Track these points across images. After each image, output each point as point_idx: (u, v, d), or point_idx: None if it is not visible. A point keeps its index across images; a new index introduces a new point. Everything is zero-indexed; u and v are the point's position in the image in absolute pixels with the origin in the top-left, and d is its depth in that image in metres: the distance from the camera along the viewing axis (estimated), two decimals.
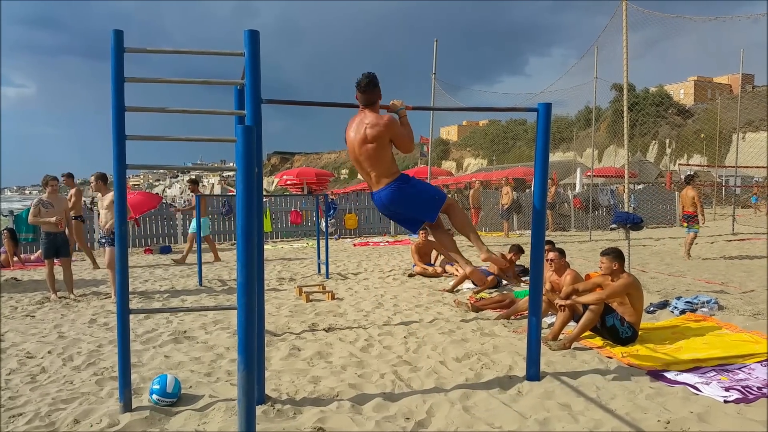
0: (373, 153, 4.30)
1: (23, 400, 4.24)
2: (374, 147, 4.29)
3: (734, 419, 3.65)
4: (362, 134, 4.29)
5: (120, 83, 3.70)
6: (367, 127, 4.27)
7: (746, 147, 28.26)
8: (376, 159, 4.32)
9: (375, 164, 4.34)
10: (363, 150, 4.32)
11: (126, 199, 3.94)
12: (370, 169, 4.38)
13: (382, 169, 4.35)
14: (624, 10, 9.13)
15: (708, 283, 8.55)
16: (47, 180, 8.58)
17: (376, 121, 4.26)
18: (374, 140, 4.26)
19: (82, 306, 7.86)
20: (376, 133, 4.24)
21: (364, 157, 4.34)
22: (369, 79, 4.31)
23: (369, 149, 4.30)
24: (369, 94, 4.32)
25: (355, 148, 4.36)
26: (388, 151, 4.35)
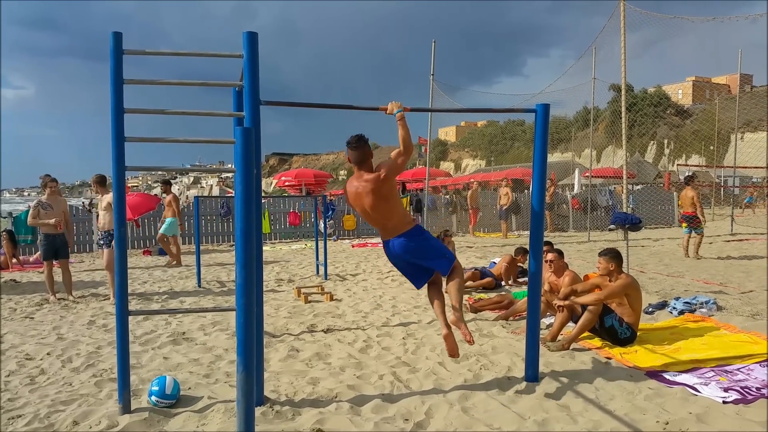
0: (386, 208, 4.35)
1: (22, 401, 4.25)
2: (384, 202, 4.32)
3: (733, 420, 3.66)
4: (369, 197, 4.30)
5: (119, 85, 3.71)
6: (370, 187, 4.29)
7: (745, 147, 28.28)
8: (389, 211, 4.37)
9: (390, 216, 4.38)
10: (374, 209, 4.34)
11: (125, 201, 3.95)
12: (385, 221, 4.40)
13: (397, 218, 4.40)
14: (622, 11, 9.15)
15: (707, 283, 8.56)
16: (46, 182, 8.57)
17: (375, 178, 4.28)
18: (382, 197, 4.30)
19: (81, 307, 7.86)
20: (379, 188, 4.28)
21: (378, 214, 4.36)
22: (358, 136, 4.37)
23: (381, 207, 4.33)
24: (360, 150, 4.33)
25: (367, 209, 4.36)
26: (398, 201, 4.41)
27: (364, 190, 4.31)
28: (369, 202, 4.32)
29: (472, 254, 13.06)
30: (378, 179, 4.27)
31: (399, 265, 4.54)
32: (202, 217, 17.11)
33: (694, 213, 11.54)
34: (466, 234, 18.72)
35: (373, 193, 4.29)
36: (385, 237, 4.45)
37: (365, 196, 4.32)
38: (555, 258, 6.39)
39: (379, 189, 4.28)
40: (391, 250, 4.43)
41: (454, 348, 4.18)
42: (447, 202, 20.39)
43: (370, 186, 4.28)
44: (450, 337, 4.19)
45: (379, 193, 4.29)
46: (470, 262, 11.39)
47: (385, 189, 4.30)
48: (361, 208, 4.42)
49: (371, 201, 4.31)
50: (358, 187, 4.36)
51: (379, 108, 4.46)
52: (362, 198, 4.34)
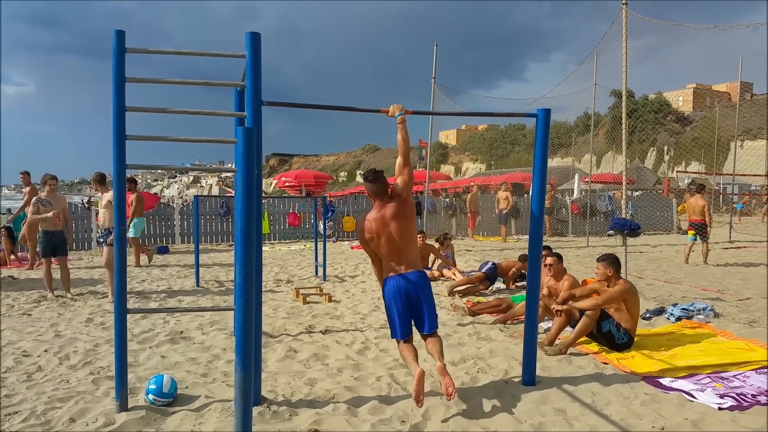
0: (410, 230, 4.35)
1: (19, 398, 4.25)
2: (408, 223, 4.33)
3: (728, 426, 3.67)
4: (395, 220, 4.28)
5: (121, 83, 3.71)
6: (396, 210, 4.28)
7: (744, 155, 28.35)
8: (412, 237, 4.39)
9: (412, 244, 4.37)
10: (402, 231, 4.29)
11: (125, 199, 3.95)
12: (408, 251, 4.34)
13: (416, 251, 4.41)
14: (624, 17, 9.16)
15: (704, 290, 8.57)
16: (46, 179, 8.58)
17: (398, 200, 4.31)
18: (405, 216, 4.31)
19: (79, 305, 7.86)
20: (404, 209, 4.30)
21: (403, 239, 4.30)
22: (374, 170, 4.42)
23: (406, 229, 4.32)
24: (378, 183, 4.35)
25: (394, 235, 4.28)
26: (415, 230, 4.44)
27: (390, 216, 4.28)
28: (395, 227, 4.27)
29: (471, 257, 13.07)
30: (399, 200, 4.31)
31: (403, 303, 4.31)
32: (201, 217, 17.11)
33: (703, 221, 11.57)
34: (465, 237, 18.73)
35: (399, 217, 4.28)
36: (400, 269, 4.32)
37: (391, 221, 4.27)
38: (554, 262, 6.40)
39: (403, 210, 4.30)
40: (408, 282, 4.28)
41: (421, 393, 3.86)
42: (447, 205, 20.40)
43: (394, 210, 4.28)
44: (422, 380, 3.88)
45: (403, 214, 4.29)
46: (469, 266, 11.39)
47: (407, 209, 4.33)
48: (388, 237, 4.29)
49: (398, 226, 4.27)
50: (384, 215, 4.29)
51: (381, 110, 4.48)
52: (388, 224, 4.28)
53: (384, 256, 4.37)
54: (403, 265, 4.32)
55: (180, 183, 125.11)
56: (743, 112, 23.36)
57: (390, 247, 4.31)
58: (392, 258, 4.33)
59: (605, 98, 17.76)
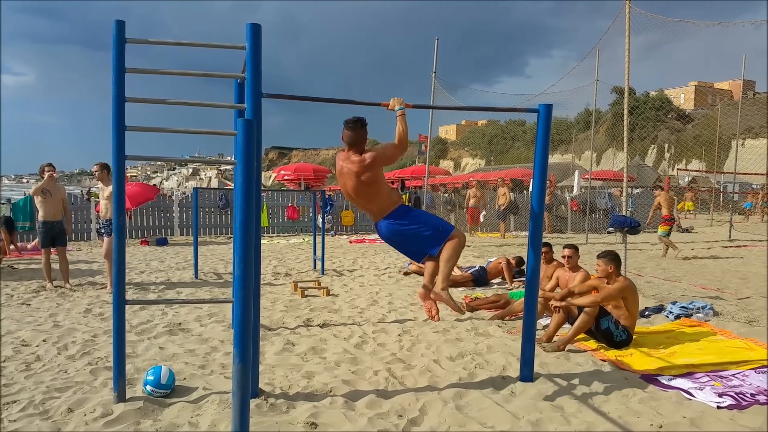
0: (368, 191, 4.36)
1: (17, 387, 4.24)
2: (367, 187, 4.33)
3: (727, 425, 3.67)
4: (353, 179, 4.31)
5: (121, 74, 3.69)
6: (354, 168, 4.29)
7: (745, 153, 28.31)
8: (374, 194, 4.38)
9: (373, 198, 4.40)
10: (357, 192, 4.36)
11: (124, 190, 3.93)
12: (370, 205, 4.43)
13: (381, 201, 4.40)
14: (627, 13, 9.13)
15: (704, 288, 8.57)
16: (43, 168, 8.56)
17: (361, 160, 4.28)
18: (367, 180, 4.30)
19: (77, 295, 7.85)
20: (364, 171, 4.28)
21: (359, 195, 4.39)
22: (358, 118, 4.34)
23: (362, 190, 4.35)
24: (354, 132, 4.30)
25: (349, 191, 4.40)
26: (382, 182, 4.40)
27: (348, 172, 4.33)
28: (351, 185, 4.35)
29: (469, 253, 13.07)
30: (362, 163, 4.28)
31: (390, 244, 4.59)
32: (200, 209, 17.09)
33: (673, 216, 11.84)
34: (465, 232, 18.70)
35: (356, 177, 4.30)
36: (374, 219, 4.50)
37: (348, 178, 4.35)
38: (572, 253, 6.38)
39: (362, 173, 4.28)
40: (381, 233, 4.49)
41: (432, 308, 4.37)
42: (446, 200, 20.39)
43: (355, 168, 4.29)
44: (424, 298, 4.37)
45: (361, 178, 4.30)
46: (467, 262, 11.39)
47: (368, 175, 4.29)
48: (344, 189, 4.46)
49: (353, 184, 4.34)
50: (343, 168, 4.38)
51: (381, 104, 4.46)
52: (345, 179, 4.38)
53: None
54: (372, 214, 4.49)
55: (179, 175, 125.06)
56: (745, 110, 23.30)
57: (351, 199, 4.51)
58: (358, 207, 4.61)
59: (606, 95, 17.75)
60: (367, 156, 4.29)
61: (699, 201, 30.03)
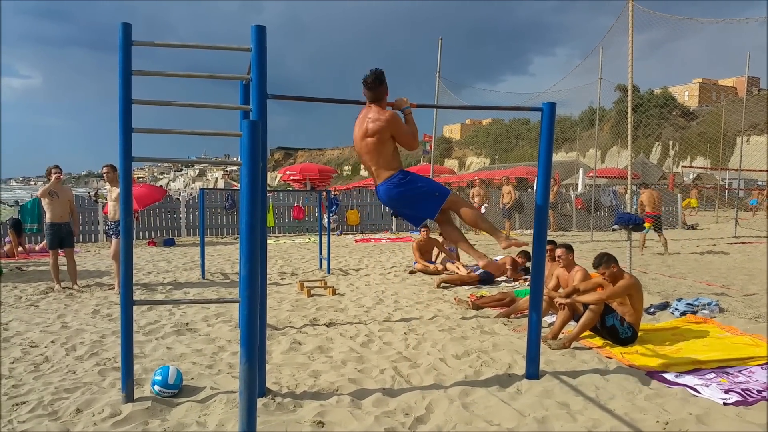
0: (373, 147, 4.36)
1: (26, 388, 4.28)
2: (374, 141, 4.34)
3: (733, 421, 3.67)
4: (364, 128, 4.36)
5: (127, 76, 3.72)
6: (369, 122, 4.33)
7: (750, 150, 28.22)
8: (376, 153, 4.38)
9: (375, 158, 4.39)
10: (364, 144, 4.40)
11: (131, 192, 3.96)
12: (371, 163, 4.44)
13: (381, 163, 4.40)
14: (630, 11, 9.11)
15: (709, 285, 8.56)
16: (50, 170, 8.62)
17: (377, 116, 4.32)
18: (374, 134, 4.32)
19: (85, 297, 7.90)
20: (377, 127, 4.30)
21: (364, 150, 4.42)
22: (375, 75, 4.36)
23: (369, 143, 4.37)
24: (375, 90, 4.37)
25: (357, 141, 4.45)
26: (388, 146, 4.38)
27: (362, 124, 4.38)
28: (360, 135, 4.40)
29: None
30: (377, 120, 4.31)
31: (391, 208, 4.66)
32: (207, 210, 17.15)
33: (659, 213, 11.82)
34: (470, 231, 18.71)
35: (367, 131, 4.35)
36: (375, 181, 4.51)
37: (360, 129, 4.40)
38: (563, 253, 6.38)
39: (373, 130, 4.32)
40: (379, 196, 4.50)
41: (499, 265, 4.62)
42: None
43: (369, 124, 4.33)
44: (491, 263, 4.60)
45: (370, 133, 4.34)
46: (472, 260, 11.38)
47: (378, 134, 4.31)
48: (354, 138, 4.49)
49: (361, 135, 4.38)
50: (362, 116, 4.43)
51: (388, 103, 4.48)
52: (357, 129, 4.43)
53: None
54: (371, 173, 4.51)
55: (186, 176, 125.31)
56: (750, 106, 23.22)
57: (361, 161, 4.55)
58: (366, 168, 4.56)
59: (610, 93, 17.68)
60: (385, 116, 4.33)
61: (704, 198, 29.93)
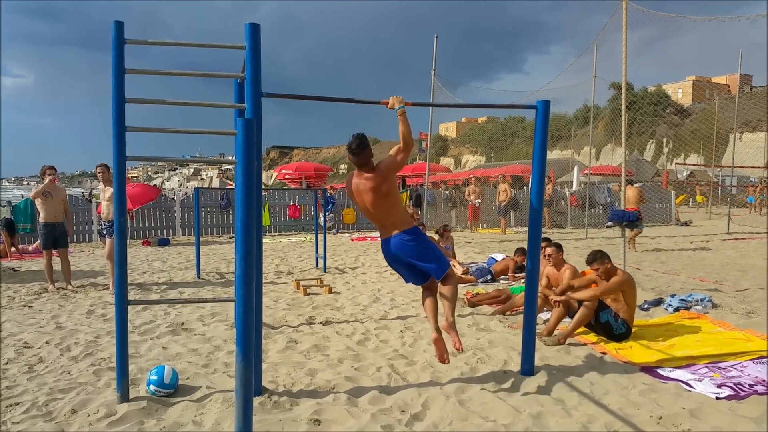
0: (386, 204, 4.36)
1: (21, 389, 4.27)
2: (384, 200, 4.35)
3: (726, 416, 3.70)
4: (371, 193, 4.33)
5: (120, 74, 3.71)
6: (372, 185, 4.31)
7: (743, 147, 28.36)
8: (389, 209, 4.39)
9: (390, 214, 4.40)
10: (378, 206, 4.36)
11: (125, 191, 3.95)
12: (387, 218, 4.40)
13: (396, 216, 4.41)
14: (624, 9, 9.13)
15: (702, 281, 8.60)
16: (44, 170, 8.59)
17: (375, 177, 4.31)
18: (384, 192, 4.32)
19: (79, 297, 7.88)
20: (380, 186, 4.31)
21: (378, 211, 4.38)
22: (359, 141, 4.34)
23: (381, 203, 4.35)
24: (361, 155, 4.34)
25: (368, 206, 4.38)
26: (398, 199, 4.45)
27: (365, 188, 4.34)
28: (369, 200, 4.35)
29: (470, 249, 13.09)
30: (377, 177, 4.30)
31: (395, 264, 4.51)
32: (202, 209, 17.12)
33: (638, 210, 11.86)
34: (465, 229, 18.75)
35: (373, 191, 4.31)
36: (384, 235, 4.45)
37: (365, 194, 4.35)
38: (553, 252, 6.40)
39: (379, 187, 4.30)
40: (389, 248, 4.41)
41: (444, 353, 4.19)
42: (446, 197, 20.42)
43: (371, 184, 4.31)
44: (440, 342, 4.19)
45: (380, 191, 4.31)
46: (468, 257, 11.42)
47: (385, 187, 4.32)
48: (362, 204, 4.44)
49: (371, 198, 4.33)
50: (359, 185, 4.37)
51: (381, 102, 4.48)
52: (363, 195, 4.37)
53: (368, 218, 4.53)
54: (384, 231, 4.44)
55: (180, 175, 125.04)
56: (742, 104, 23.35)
57: (369, 215, 4.47)
58: (374, 222, 4.50)
59: (605, 90, 17.70)
60: (380, 168, 4.34)
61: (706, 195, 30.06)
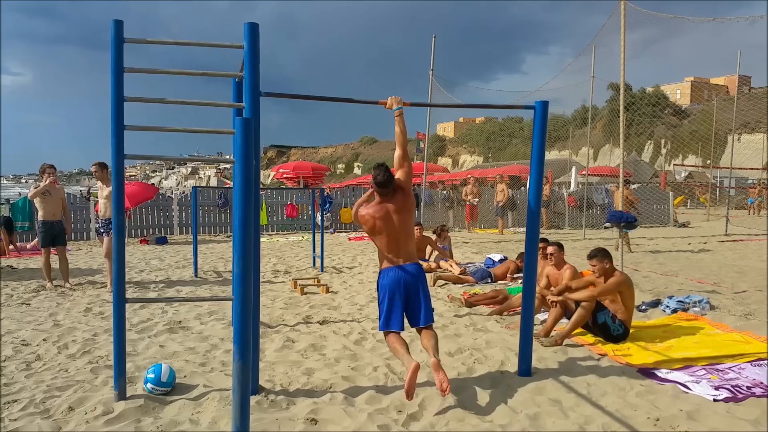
0: (411, 222, 4.43)
1: (18, 386, 4.27)
2: (409, 215, 4.41)
3: (723, 418, 3.70)
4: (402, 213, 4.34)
5: (119, 73, 3.71)
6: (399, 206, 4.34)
7: (741, 148, 28.37)
8: (412, 229, 4.47)
9: (412, 238, 4.43)
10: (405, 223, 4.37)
11: (123, 190, 3.95)
12: (408, 242, 4.40)
13: (414, 244, 4.46)
14: (622, 10, 9.14)
15: (700, 282, 8.61)
16: (44, 168, 8.58)
17: (403, 197, 4.37)
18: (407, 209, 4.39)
19: (77, 295, 7.87)
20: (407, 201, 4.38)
21: (405, 231, 4.37)
22: (386, 173, 4.31)
23: (408, 221, 4.39)
24: (389, 187, 4.35)
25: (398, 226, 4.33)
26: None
27: (395, 209, 4.32)
28: (399, 220, 4.33)
29: (468, 249, 13.10)
30: (404, 194, 4.37)
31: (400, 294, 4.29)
32: (199, 208, 17.11)
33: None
34: (462, 229, 18.75)
35: (402, 210, 4.34)
36: (399, 261, 4.34)
37: (395, 215, 4.32)
38: (555, 251, 6.41)
39: (406, 203, 4.37)
40: (405, 273, 4.29)
41: (414, 387, 3.85)
42: (444, 197, 20.43)
43: (400, 203, 4.34)
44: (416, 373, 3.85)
45: (406, 207, 4.37)
46: (466, 257, 11.42)
47: (409, 202, 4.40)
48: (390, 229, 4.32)
49: (400, 218, 4.33)
50: (389, 208, 4.32)
51: (379, 102, 4.48)
52: (392, 217, 4.31)
53: (383, 248, 4.37)
54: (402, 257, 4.35)
55: (178, 174, 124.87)
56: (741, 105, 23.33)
57: (391, 240, 4.34)
58: (392, 250, 4.34)
59: (603, 91, 17.74)
60: (402, 185, 4.38)
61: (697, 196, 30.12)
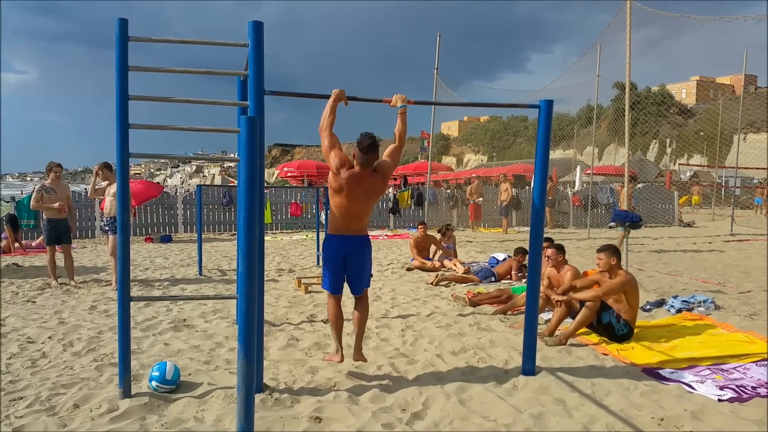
0: (370, 206, 4.58)
1: (24, 384, 4.28)
2: (374, 201, 4.57)
3: (728, 418, 3.69)
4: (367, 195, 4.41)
5: (124, 72, 3.71)
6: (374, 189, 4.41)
7: (747, 148, 28.29)
8: (369, 211, 4.62)
9: (367, 216, 4.58)
10: (367, 207, 4.50)
11: (129, 188, 3.96)
12: (362, 221, 4.52)
13: (367, 220, 4.62)
14: (628, 8, 9.11)
15: (705, 282, 8.58)
16: (51, 166, 8.62)
17: (382, 179, 4.43)
18: (376, 196, 4.53)
19: (82, 293, 7.90)
20: (380, 189, 4.48)
21: (364, 212, 4.51)
22: (372, 140, 4.32)
23: (370, 206, 4.56)
24: (373, 155, 4.35)
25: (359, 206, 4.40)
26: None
27: (367, 187, 4.35)
28: (364, 198, 4.41)
29: (472, 248, 13.09)
30: (381, 181, 4.42)
31: (339, 262, 4.47)
32: (204, 206, 17.15)
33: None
34: (467, 228, 18.74)
35: (372, 193, 4.43)
36: (345, 232, 4.43)
37: (364, 192, 4.36)
38: (553, 254, 6.40)
39: (380, 189, 4.47)
40: (344, 245, 4.44)
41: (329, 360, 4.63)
42: (448, 196, 20.42)
43: (373, 186, 4.38)
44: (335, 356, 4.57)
45: (376, 194, 4.48)
46: (470, 257, 11.42)
47: (380, 189, 4.49)
48: (352, 200, 4.36)
49: (367, 198, 4.42)
50: (359, 182, 4.33)
51: (384, 100, 4.48)
52: (359, 193, 4.35)
53: (340, 214, 4.43)
54: (353, 230, 4.47)
55: (183, 172, 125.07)
56: (747, 104, 23.25)
57: (351, 210, 4.41)
58: (346, 220, 4.43)
59: (608, 90, 17.69)
60: (382, 170, 4.42)
61: (702, 196, 30.00)
